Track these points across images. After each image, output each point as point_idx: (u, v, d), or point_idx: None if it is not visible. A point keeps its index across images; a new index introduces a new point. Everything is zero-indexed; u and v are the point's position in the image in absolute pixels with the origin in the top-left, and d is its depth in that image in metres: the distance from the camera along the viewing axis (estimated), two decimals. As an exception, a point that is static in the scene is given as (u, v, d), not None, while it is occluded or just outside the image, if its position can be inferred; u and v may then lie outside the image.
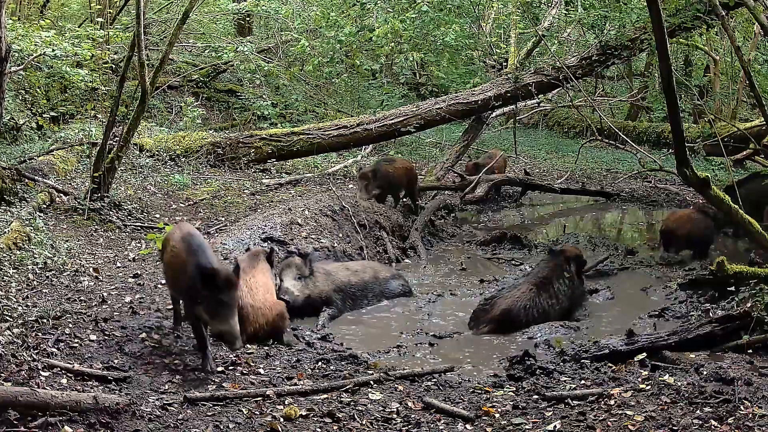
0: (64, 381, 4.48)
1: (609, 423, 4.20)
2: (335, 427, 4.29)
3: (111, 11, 13.64)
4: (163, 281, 6.14)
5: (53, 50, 8.82)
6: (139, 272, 6.53)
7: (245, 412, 4.37)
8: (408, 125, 11.37)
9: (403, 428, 4.37)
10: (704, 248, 8.50)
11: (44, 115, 10.30)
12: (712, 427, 4.04)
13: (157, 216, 8.31)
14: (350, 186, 10.43)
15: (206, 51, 15.51)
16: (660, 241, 8.61)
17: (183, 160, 10.51)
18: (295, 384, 4.85)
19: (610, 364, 5.18)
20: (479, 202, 11.42)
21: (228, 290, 4.76)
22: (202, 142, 11.00)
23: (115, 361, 4.94)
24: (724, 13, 8.75)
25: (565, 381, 5.00)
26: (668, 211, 10.38)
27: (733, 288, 5.93)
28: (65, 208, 7.91)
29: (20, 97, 10.43)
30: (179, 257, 5.04)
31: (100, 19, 12.27)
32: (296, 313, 6.41)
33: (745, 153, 12.44)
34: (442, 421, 4.45)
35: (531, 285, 6.65)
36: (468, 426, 4.40)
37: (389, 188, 9.69)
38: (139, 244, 7.38)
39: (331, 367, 5.29)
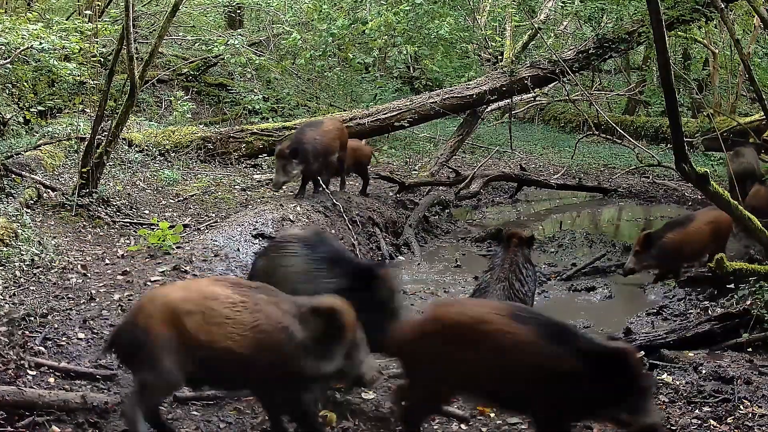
0: (51, 380, 4.43)
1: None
2: (328, 428, 4.22)
3: (99, 3, 13.47)
4: (153, 278, 6.06)
5: (40, 43, 8.66)
6: (128, 269, 6.41)
7: (236, 412, 4.31)
8: (402, 120, 11.27)
9: (397, 428, 4.29)
10: None
11: (31, 110, 10.13)
12: (711, 426, 4.00)
13: (147, 212, 8.21)
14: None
15: (196, 44, 15.35)
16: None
17: (173, 155, 10.38)
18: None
19: (608, 363, 5.11)
20: (474, 197, 11.34)
21: None
22: (192, 137, 10.87)
23: (104, 359, 4.86)
24: (723, 6, 8.70)
25: (562, 380, 4.93)
26: (667, 207, 10.28)
27: (732, 285, 5.87)
28: (53, 203, 7.78)
29: (7, 91, 10.29)
30: None
31: (88, 12, 12.14)
32: None
33: (744, 148, 12.39)
34: (437, 421, 4.41)
35: (500, 284, 6.19)
36: (463, 426, 4.35)
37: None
38: (128, 241, 7.27)
39: (324, 366, 5.21)
